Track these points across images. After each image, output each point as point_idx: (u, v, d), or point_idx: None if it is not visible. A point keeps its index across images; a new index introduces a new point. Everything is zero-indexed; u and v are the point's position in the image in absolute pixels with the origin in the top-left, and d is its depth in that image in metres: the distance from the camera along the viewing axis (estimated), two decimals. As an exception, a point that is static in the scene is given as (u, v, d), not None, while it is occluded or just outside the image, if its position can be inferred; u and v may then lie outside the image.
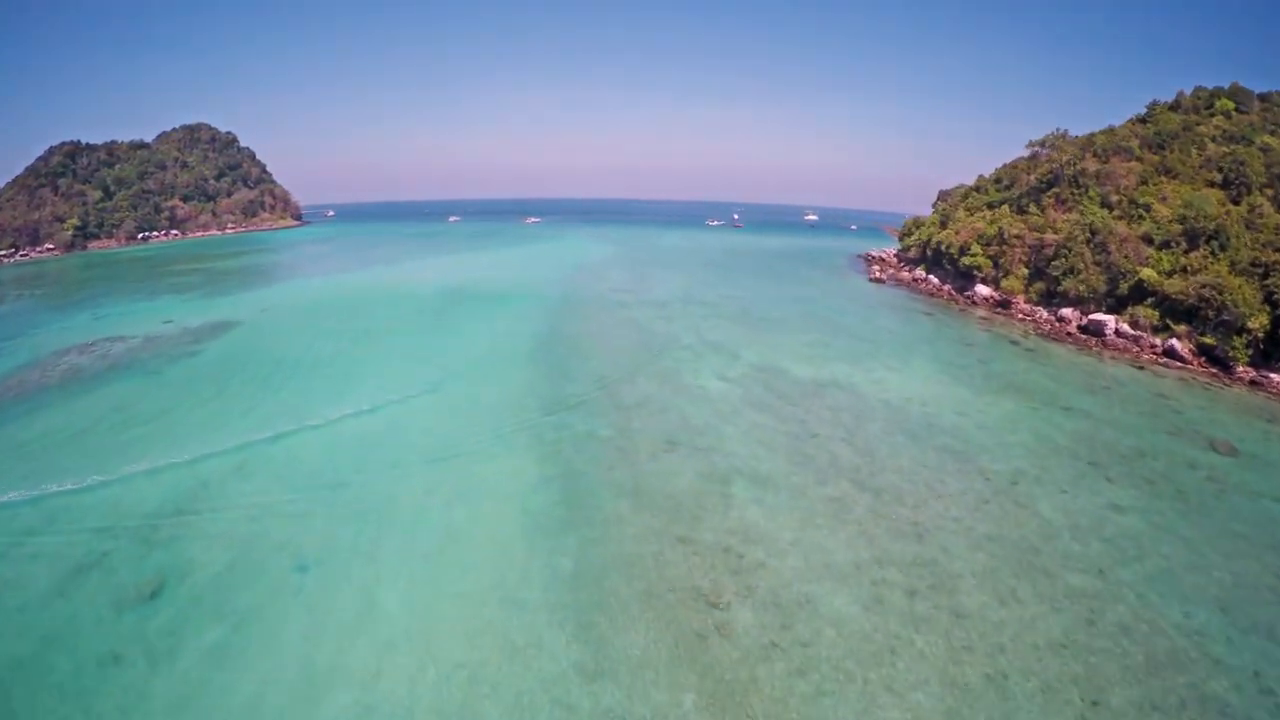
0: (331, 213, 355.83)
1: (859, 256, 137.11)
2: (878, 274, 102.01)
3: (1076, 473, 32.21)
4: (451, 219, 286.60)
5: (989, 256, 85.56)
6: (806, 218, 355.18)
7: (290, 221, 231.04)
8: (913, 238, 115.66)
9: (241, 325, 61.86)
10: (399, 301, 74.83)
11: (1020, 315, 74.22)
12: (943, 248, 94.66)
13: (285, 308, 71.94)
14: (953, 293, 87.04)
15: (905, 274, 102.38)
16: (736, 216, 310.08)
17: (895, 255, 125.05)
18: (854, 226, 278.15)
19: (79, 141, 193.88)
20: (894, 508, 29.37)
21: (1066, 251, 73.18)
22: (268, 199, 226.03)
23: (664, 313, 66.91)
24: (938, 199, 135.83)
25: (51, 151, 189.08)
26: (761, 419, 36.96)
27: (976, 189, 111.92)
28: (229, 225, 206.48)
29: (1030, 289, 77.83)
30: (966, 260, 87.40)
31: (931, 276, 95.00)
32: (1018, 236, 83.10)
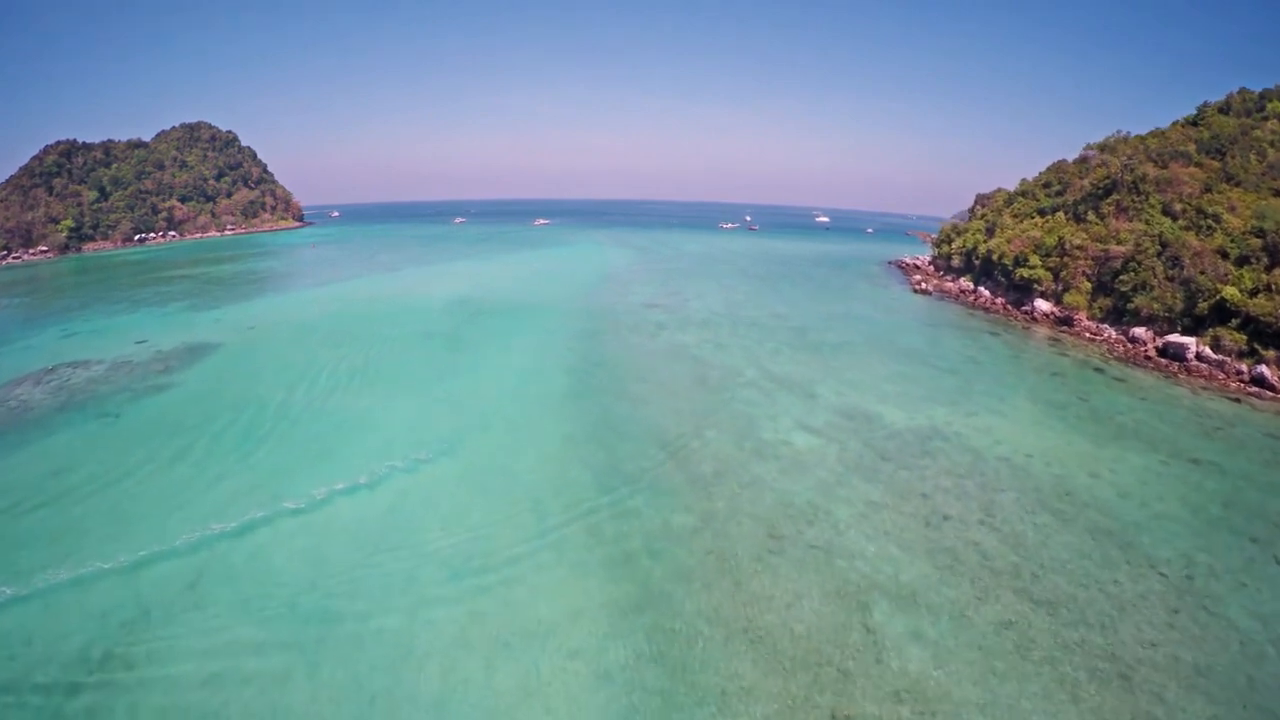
0: (337, 213, 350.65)
1: (890, 263, 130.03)
2: (923, 285, 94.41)
3: (1244, 556, 26.94)
4: (457, 220, 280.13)
5: (1048, 268, 78.30)
6: (818, 219, 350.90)
7: (292, 223, 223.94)
8: (953, 245, 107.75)
9: (222, 349, 53.88)
10: (404, 318, 66.64)
11: (1088, 334, 67.47)
12: (994, 258, 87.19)
13: (274, 325, 63.91)
14: (1008, 307, 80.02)
15: (950, 285, 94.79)
16: (749, 219, 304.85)
17: (930, 263, 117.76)
18: (870, 230, 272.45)
19: (75, 140, 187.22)
20: (1081, 632, 22.37)
21: (1136, 265, 66.77)
22: (268, 199, 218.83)
23: (711, 335, 59.09)
24: (976, 203, 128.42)
25: (46, 150, 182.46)
26: (874, 493, 29.10)
27: (1022, 193, 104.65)
28: (228, 227, 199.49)
29: (1093, 305, 70.87)
30: (1025, 272, 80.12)
31: (982, 289, 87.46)
32: (1080, 247, 76.02)
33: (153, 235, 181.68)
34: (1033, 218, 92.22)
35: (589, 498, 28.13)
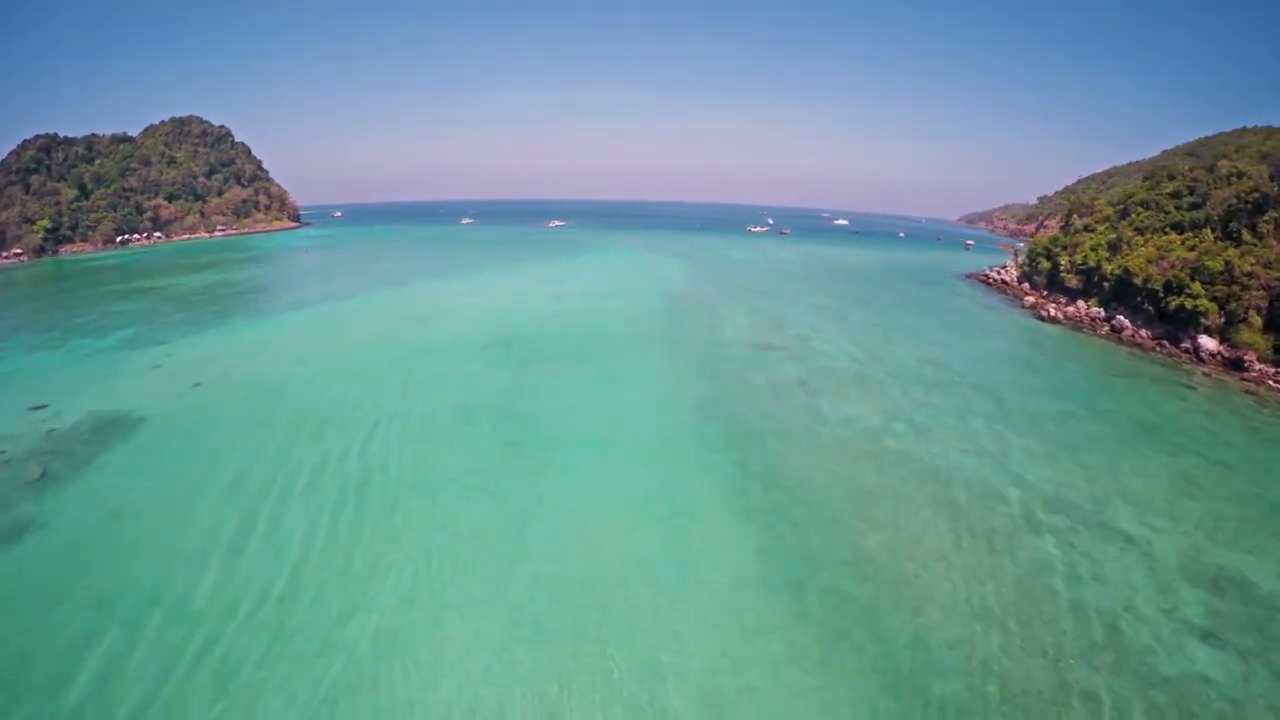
0: (339, 214, 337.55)
1: (969, 276, 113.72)
2: (1050, 312, 78.16)
3: None
4: (464, 221, 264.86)
5: (1212, 298, 62.74)
6: (835, 222, 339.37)
7: (286, 223, 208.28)
8: (1063, 261, 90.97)
9: (141, 430, 36.95)
10: (421, 373, 47.14)
11: (1271, 383, 53.73)
12: (1135, 281, 71.01)
13: (229, 381, 46.38)
14: (1162, 344, 64.01)
15: (1073, 310, 78.45)
16: (771, 222, 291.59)
17: (1021, 280, 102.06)
18: (901, 234, 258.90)
19: (55, 135, 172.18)
20: None
21: (1319, 300, 51.91)
22: (262, 198, 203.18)
23: (886, 405, 41.63)
24: (1071, 212, 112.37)
25: (24, 145, 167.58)
26: None
27: (1143, 204, 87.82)
28: (218, 227, 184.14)
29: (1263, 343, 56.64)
30: (1186, 302, 64.32)
31: (1119, 317, 71.28)
32: (1250, 274, 61.04)
33: (137, 236, 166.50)
34: (1165, 233, 76.61)
35: None
